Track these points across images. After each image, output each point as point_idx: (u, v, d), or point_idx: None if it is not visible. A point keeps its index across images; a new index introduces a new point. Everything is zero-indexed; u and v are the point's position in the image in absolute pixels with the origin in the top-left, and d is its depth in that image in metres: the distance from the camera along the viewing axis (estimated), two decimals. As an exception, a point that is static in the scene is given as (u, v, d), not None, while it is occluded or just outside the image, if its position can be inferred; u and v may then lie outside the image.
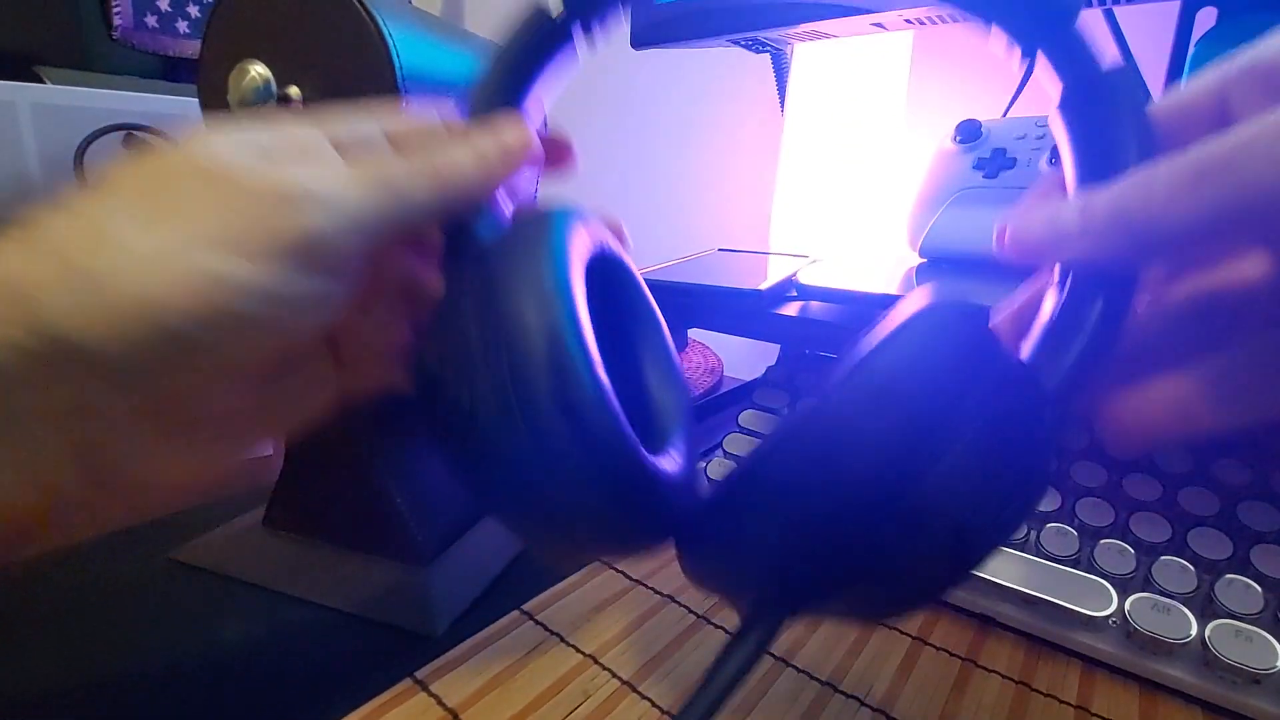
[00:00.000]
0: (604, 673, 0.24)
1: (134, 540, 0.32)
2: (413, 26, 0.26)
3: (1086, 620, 0.26)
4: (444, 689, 0.23)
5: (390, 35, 0.24)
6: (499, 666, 0.24)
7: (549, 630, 0.26)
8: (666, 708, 0.23)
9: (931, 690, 0.24)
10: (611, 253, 0.22)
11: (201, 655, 0.25)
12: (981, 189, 0.42)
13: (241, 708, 0.23)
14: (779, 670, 0.25)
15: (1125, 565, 0.27)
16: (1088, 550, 0.28)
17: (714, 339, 0.73)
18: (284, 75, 0.25)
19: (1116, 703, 0.24)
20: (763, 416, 0.39)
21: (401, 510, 0.30)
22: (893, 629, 0.27)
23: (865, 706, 0.23)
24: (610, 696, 0.23)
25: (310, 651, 0.26)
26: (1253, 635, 0.24)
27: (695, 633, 0.27)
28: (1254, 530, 0.27)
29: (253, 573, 0.30)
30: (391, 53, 0.24)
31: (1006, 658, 0.26)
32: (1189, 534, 0.27)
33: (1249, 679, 0.23)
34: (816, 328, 0.35)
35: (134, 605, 0.28)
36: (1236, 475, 0.28)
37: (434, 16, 0.28)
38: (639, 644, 0.26)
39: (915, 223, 0.45)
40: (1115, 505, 0.29)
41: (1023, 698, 0.24)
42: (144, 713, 0.22)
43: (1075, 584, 0.27)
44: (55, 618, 0.27)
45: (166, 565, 0.31)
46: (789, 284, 0.39)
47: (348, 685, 0.23)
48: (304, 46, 0.25)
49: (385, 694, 0.23)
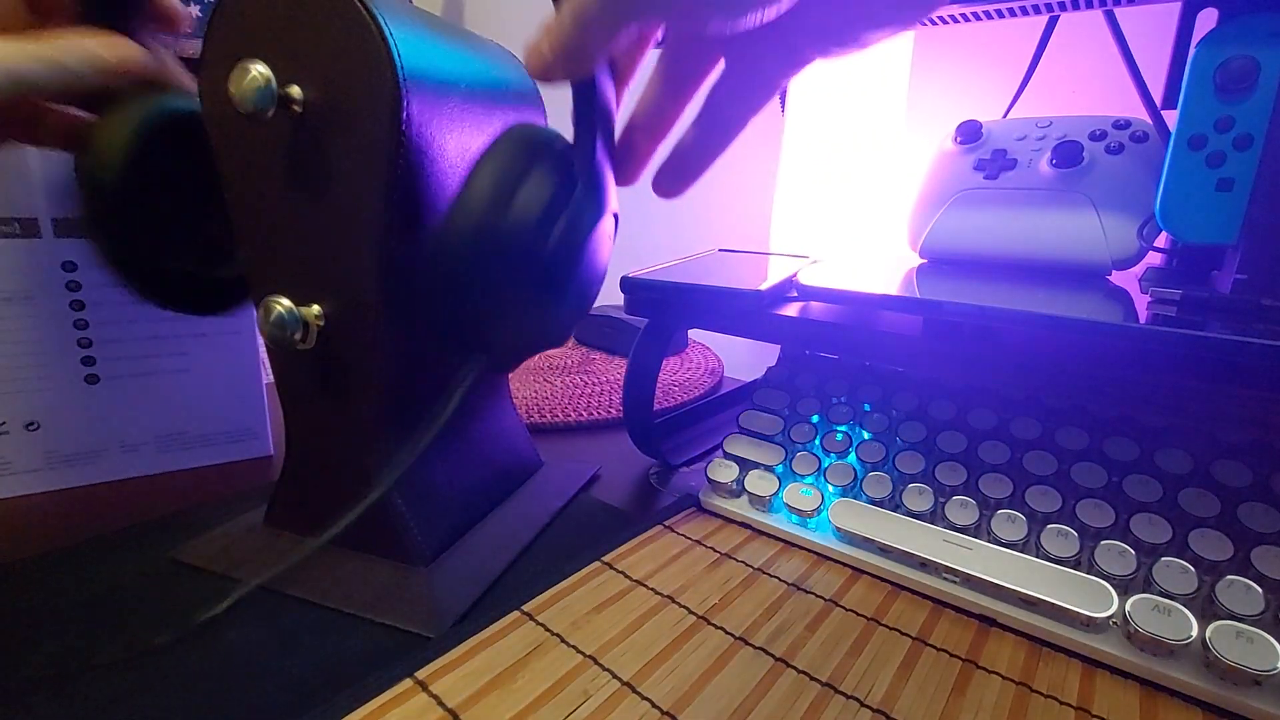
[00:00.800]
0: (604, 673, 0.24)
1: (134, 540, 0.32)
2: (413, 26, 0.26)
3: (1087, 621, 0.26)
4: (444, 689, 0.23)
5: (390, 35, 0.24)
6: (499, 667, 0.24)
7: (549, 630, 0.26)
8: (667, 708, 0.23)
9: (932, 691, 0.24)
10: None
11: (202, 655, 0.25)
12: (982, 190, 0.42)
13: (242, 708, 0.23)
14: (779, 670, 0.25)
15: (1126, 566, 0.27)
16: (1088, 551, 0.28)
17: (714, 339, 0.73)
18: (285, 75, 0.25)
19: (1117, 704, 0.24)
20: (763, 417, 0.39)
21: (401, 510, 0.30)
22: (893, 629, 0.27)
23: (865, 707, 0.23)
24: (610, 697, 0.23)
25: (310, 651, 0.26)
26: (1253, 636, 0.24)
27: (695, 633, 0.27)
28: (1255, 531, 0.27)
29: (253, 573, 0.30)
30: (392, 53, 0.24)
31: (1007, 658, 0.26)
32: (1190, 535, 0.27)
33: (1250, 680, 0.23)
34: (816, 328, 0.35)
35: (134, 605, 0.28)
36: (1237, 476, 0.28)
37: (434, 16, 0.28)
38: (639, 644, 0.26)
39: (916, 223, 0.45)
40: (1116, 506, 0.29)
41: (1023, 699, 0.24)
42: (144, 713, 0.22)
43: (1076, 585, 0.27)
44: (56, 617, 0.27)
45: (167, 565, 0.31)
46: (789, 284, 0.39)
47: (348, 685, 0.23)
48: (305, 46, 0.25)
49: (385, 694, 0.23)
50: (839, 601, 0.29)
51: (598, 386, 0.57)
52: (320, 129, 0.26)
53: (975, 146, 0.44)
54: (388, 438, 0.30)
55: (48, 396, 0.36)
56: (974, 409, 0.35)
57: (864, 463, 0.35)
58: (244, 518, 0.34)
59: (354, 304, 0.28)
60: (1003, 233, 0.41)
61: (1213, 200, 0.30)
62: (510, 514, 0.36)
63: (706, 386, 0.59)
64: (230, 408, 0.41)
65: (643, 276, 0.39)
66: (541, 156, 0.24)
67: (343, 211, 0.26)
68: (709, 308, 0.37)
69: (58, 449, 0.37)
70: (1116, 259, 0.38)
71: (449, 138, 0.28)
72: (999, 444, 0.33)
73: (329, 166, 0.26)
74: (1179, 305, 0.32)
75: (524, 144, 0.24)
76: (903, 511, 0.32)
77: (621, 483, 0.41)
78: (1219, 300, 0.31)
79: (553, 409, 0.51)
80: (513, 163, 0.23)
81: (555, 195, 0.23)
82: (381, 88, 0.24)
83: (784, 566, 0.32)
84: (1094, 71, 0.51)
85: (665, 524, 0.35)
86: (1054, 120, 0.43)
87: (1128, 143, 0.39)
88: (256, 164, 0.27)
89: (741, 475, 0.36)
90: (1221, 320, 0.29)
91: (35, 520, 0.34)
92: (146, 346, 0.38)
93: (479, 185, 0.23)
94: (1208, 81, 0.30)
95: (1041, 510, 0.30)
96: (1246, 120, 0.29)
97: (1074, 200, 0.39)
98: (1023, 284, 0.37)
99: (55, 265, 0.35)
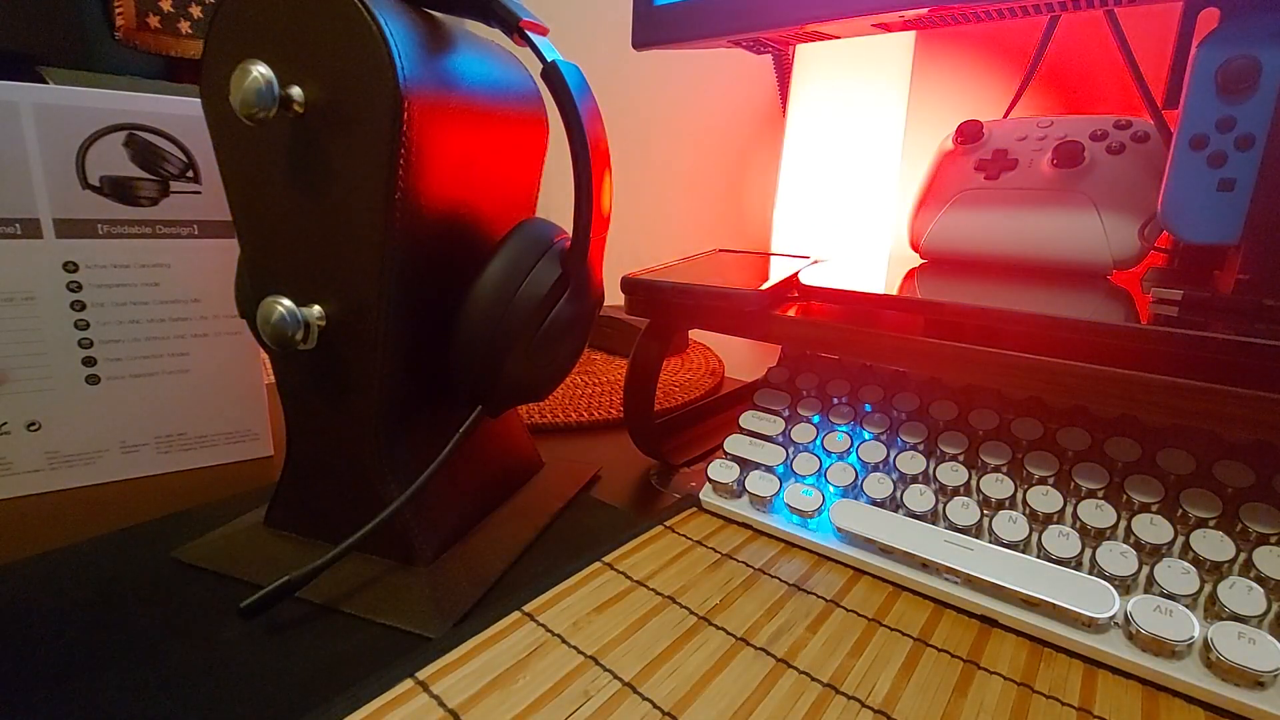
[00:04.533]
0: (605, 674, 0.24)
1: (135, 540, 0.32)
2: (413, 27, 0.26)
3: (1088, 622, 0.26)
4: (445, 689, 0.23)
5: (390, 36, 0.24)
6: (500, 667, 0.24)
7: (550, 631, 0.26)
8: (668, 709, 0.23)
9: (933, 692, 0.24)
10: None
11: (202, 655, 0.25)
12: (982, 190, 0.42)
13: (242, 708, 0.23)
14: (781, 671, 0.25)
15: (1127, 567, 0.27)
16: (1090, 552, 0.28)
17: (715, 340, 0.73)
18: (286, 75, 0.25)
19: (1119, 705, 0.24)
20: (764, 417, 0.39)
21: (402, 511, 0.30)
22: (894, 630, 0.27)
23: (866, 708, 0.23)
24: (611, 698, 0.23)
25: (310, 651, 0.26)
26: (1256, 637, 0.24)
27: (696, 634, 0.27)
28: (1256, 532, 0.27)
29: (253, 573, 0.30)
30: (392, 53, 0.24)
31: (1008, 659, 0.26)
32: (1191, 535, 0.27)
33: (1252, 681, 0.23)
34: (816, 328, 0.35)
35: (134, 605, 0.28)
36: (1239, 477, 0.28)
37: (434, 16, 0.28)
38: (640, 645, 0.26)
39: (916, 223, 0.45)
40: (1117, 507, 0.29)
41: (1024, 699, 0.24)
42: (144, 713, 0.22)
43: (1077, 585, 0.27)
44: (55, 617, 0.27)
45: (167, 565, 0.31)
46: (790, 284, 0.39)
47: (348, 685, 0.23)
48: (306, 47, 0.25)
49: (386, 694, 0.23)
50: (840, 602, 0.29)
51: (598, 386, 0.57)
52: (321, 129, 0.26)
53: (976, 146, 0.44)
54: (388, 438, 0.30)
55: (48, 397, 0.36)
56: (974, 409, 0.35)
57: (865, 463, 0.35)
58: (244, 518, 0.34)
59: (354, 304, 0.28)
60: (1003, 233, 0.41)
61: (1214, 200, 0.30)
62: (511, 514, 0.36)
63: (707, 386, 0.59)
64: (230, 408, 0.41)
65: (643, 277, 0.39)
66: (543, 256, 0.30)
67: (343, 212, 0.26)
68: (709, 308, 0.37)
69: (58, 449, 0.37)
70: (1117, 259, 0.38)
71: (449, 138, 0.28)
72: (1000, 444, 0.33)
73: (329, 167, 0.26)
74: (1180, 305, 0.32)
75: (532, 243, 0.30)
76: (903, 512, 0.32)
77: (622, 483, 0.41)
78: (1220, 300, 0.31)
79: (553, 409, 0.51)
80: (520, 260, 0.29)
81: (549, 293, 0.29)
82: (382, 88, 0.24)
83: (785, 567, 0.32)
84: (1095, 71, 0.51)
85: (666, 524, 0.35)
86: (1055, 120, 0.43)
87: (1129, 143, 0.39)
88: (257, 164, 0.27)
89: (742, 476, 0.36)
90: (1223, 320, 0.29)
91: (35, 520, 0.34)
92: (146, 347, 0.38)
93: (491, 277, 0.29)
94: (1209, 81, 0.30)
95: (1043, 511, 0.30)
96: (1248, 120, 0.29)
97: (1075, 200, 0.39)
98: (1023, 284, 0.37)
99: (55, 265, 0.35)
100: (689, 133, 0.78)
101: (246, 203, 0.28)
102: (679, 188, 0.80)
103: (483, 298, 0.28)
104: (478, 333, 0.28)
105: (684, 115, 0.78)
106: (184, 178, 0.38)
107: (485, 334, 0.28)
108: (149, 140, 0.36)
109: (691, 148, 0.78)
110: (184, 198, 0.38)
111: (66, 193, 0.35)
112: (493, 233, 0.33)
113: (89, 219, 0.36)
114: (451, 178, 0.29)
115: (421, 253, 0.28)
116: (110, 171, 0.36)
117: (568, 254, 0.30)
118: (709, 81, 0.75)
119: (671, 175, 0.81)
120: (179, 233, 0.38)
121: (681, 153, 0.79)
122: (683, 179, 0.80)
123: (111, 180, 0.36)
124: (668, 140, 0.80)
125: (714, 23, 0.41)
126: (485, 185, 0.32)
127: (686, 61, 0.76)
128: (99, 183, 0.35)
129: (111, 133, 0.35)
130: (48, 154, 0.34)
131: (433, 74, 0.26)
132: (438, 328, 0.30)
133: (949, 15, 0.35)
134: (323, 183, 0.26)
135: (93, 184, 0.35)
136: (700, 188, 0.78)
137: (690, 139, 0.78)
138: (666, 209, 0.82)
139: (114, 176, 0.36)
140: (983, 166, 0.43)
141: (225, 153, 0.28)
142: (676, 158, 0.80)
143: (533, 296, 0.29)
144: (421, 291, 0.29)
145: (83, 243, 0.36)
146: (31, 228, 0.35)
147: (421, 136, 0.26)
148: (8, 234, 0.34)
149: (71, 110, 0.34)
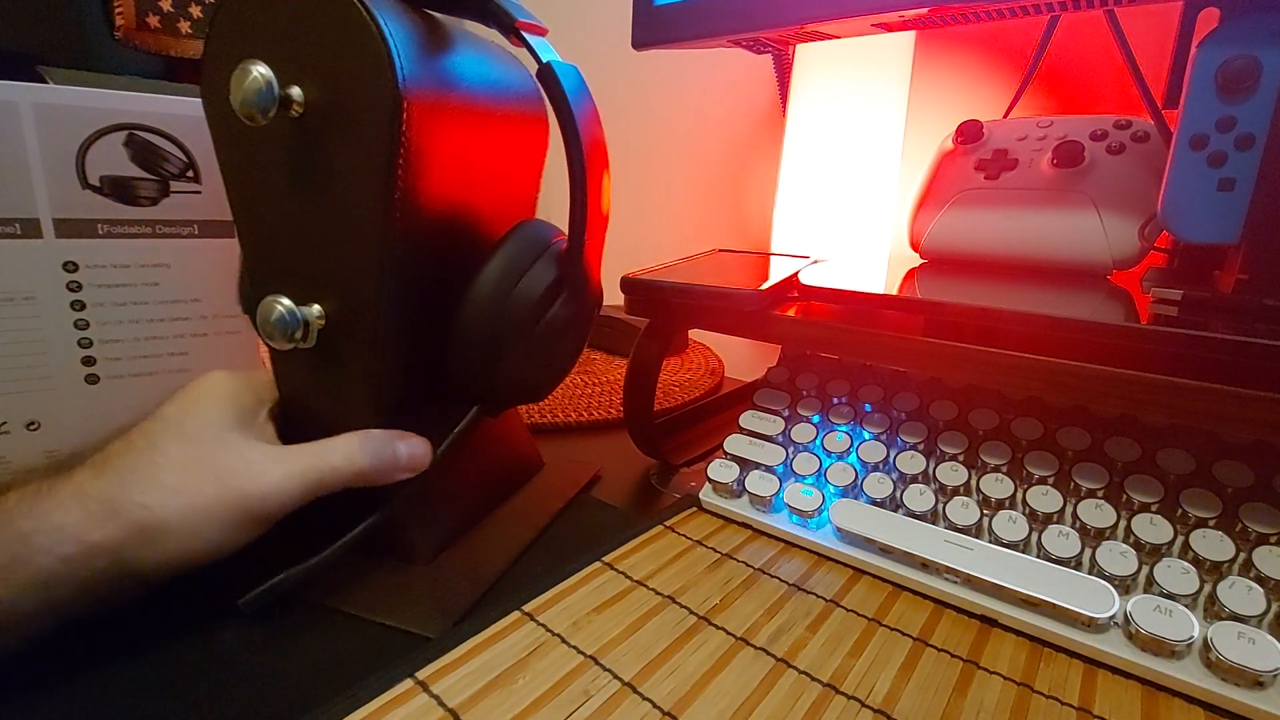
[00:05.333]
0: (605, 673, 0.24)
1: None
2: (412, 27, 0.26)
3: (1088, 622, 0.26)
4: (445, 689, 0.23)
5: (390, 36, 0.24)
6: (500, 667, 0.24)
7: (550, 631, 0.26)
8: (668, 709, 0.23)
9: (933, 692, 0.24)
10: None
11: (202, 655, 0.25)
12: (982, 190, 0.42)
13: (242, 708, 0.23)
14: (780, 671, 0.25)
15: (1127, 567, 0.27)
16: (1089, 551, 0.28)
17: (715, 340, 0.73)
18: (286, 75, 0.25)
19: (1118, 704, 0.24)
20: (764, 417, 0.39)
21: (401, 512, 0.30)
22: (894, 630, 0.27)
23: (866, 708, 0.23)
24: (611, 698, 0.23)
25: (310, 651, 0.26)
26: (1255, 637, 0.24)
27: (696, 633, 0.27)
28: (1256, 532, 0.27)
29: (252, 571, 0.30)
30: (392, 54, 0.24)
31: (1008, 659, 0.26)
32: (1191, 535, 0.27)
33: (1252, 681, 0.23)
34: (816, 328, 0.35)
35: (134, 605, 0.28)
36: (1239, 476, 0.28)
37: (434, 16, 0.28)
38: (640, 645, 0.26)
39: (916, 223, 0.45)
40: (1117, 507, 0.29)
41: (1024, 699, 0.24)
42: (144, 713, 0.22)
43: (1077, 585, 0.27)
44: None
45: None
46: (789, 284, 0.39)
47: (348, 685, 0.23)
48: (305, 47, 0.25)
49: (386, 694, 0.23)
50: (840, 602, 0.29)
51: (598, 386, 0.57)
52: (320, 130, 0.26)
53: (976, 146, 0.44)
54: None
55: (48, 396, 0.36)
56: (974, 409, 0.35)
57: (865, 463, 0.35)
58: (244, 518, 0.34)
59: (354, 304, 0.28)
60: (1003, 233, 0.41)
61: (1214, 200, 0.30)
62: (511, 514, 0.36)
63: (706, 386, 0.59)
64: (231, 408, 0.41)
65: (643, 277, 0.39)
66: (540, 257, 0.30)
67: (343, 212, 0.26)
68: (709, 308, 0.37)
69: (58, 449, 0.37)
70: (1117, 259, 0.38)
71: (448, 138, 0.28)
72: (1000, 444, 0.33)
73: (329, 167, 0.26)
74: (1180, 305, 0.32)
75: (529, 244, 0.30)
76: (903, 512, 0.32)
77: (622, 483, 0.41)
78: (1220, 300, 0.31)
79: (553, 409, 0.51)
80: (517, 260, 0.29)
81: (546, 293, 0.29)
82: (381, 89, 0.24)
83: (785, 567, 0.32)
84: (1095, 71, 0.51)
85: (666, 524, 0.35)
86: (1055, 120, 0.43)
87: (1129, 143, 0.39)
88: (257, 164, 0.27)
89: (742, 475, 0.36)
90: (1223, 320, 0.29)
91: (36, 520, 0.34)
92: (146, 346, 0.38)
93: (488, 277, 0.29)
94: (1209, 81, 0.30)
95: (1042, 510, 0.30)
96: (1248, 120, 0.29)
97: (1075, 200, 0.39)
98: (1023, 284, 0.37)
99: (55, 265, 0.35)
100: (689, 133, 0.78)
101: (246, 202, 0.28)
102: (679, 188, 0.80)
103: (480, 298, 0.28)
104: (475, 332, 0.29)
105: (684, 115, 0.78)
106: (184, 177, 0.38)
107: (482, 333, 0.29)
108: (149, 140, 0.36)
109: (691, 148, 0.78)
110: (184, 197, 0.38)
111: (66, 192, 0.35)
112: (492, 233, 0.33)
113: (89, 219, 0.36)
114: (451, 178, 0.29)
115: (420, 252, 0.28)
116: (110, 171, 0.36)
117: (565, 255, 0.30)
118: (709, 81, 0.75)
119: (671, 175, 0.81)
120: (179, 232, 0.38)
121: (681, 153, 0.79)
122: (682, 179, 0.80)
123: (111, 180, 0.36)
124: (668, 140, 0.80)
125: (714, 22, 0.41)
126: (484, 185, 0.32)
127: (686, 61, 0.76)
128: (99, 182, 0.35)
129: (111, 132, 0.35)
130: (48, 154, 0.34)
131: (432, 74, 0.26)
132: (436, 327, 0.30)
133: (949, 15, 0.35)
134: (322, 182, 0.26)
135: (93, 184, 0.35)
136: (700, 188, 0.78)
137: (690, 139, 0.78)
138: (666, 209, 0.82)
139: (114, 176, 0.36)
140: (983, 166, 0.43)
141: (225, 153, 0.28)
142: (676, 158, 0.80)
143: (529, 297, 0.29)
144: (420, 291, 0.29)
145: (83, 242, 0.36)
146: (31, 227, 0.35)
147: (420, 136, 0.26)
148: (8, 234, 0.34)
149: (71, 110, 0.34)
